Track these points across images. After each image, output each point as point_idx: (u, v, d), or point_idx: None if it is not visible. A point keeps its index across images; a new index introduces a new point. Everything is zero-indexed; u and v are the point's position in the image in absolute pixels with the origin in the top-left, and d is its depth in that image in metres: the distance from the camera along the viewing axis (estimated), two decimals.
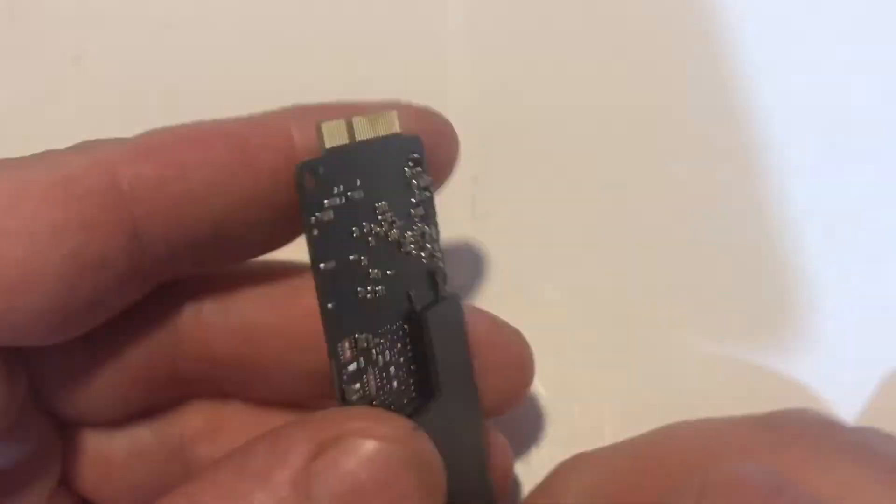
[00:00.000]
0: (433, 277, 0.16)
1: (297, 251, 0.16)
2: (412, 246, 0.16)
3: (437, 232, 0.17)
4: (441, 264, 0.17)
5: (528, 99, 0.26)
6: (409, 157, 0.16)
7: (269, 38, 0.27)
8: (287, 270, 0.17)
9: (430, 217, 0.16)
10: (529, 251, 0.24)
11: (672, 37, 0.27)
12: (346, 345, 0.14)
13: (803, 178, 0.24)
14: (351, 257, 0.15)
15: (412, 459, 0.13)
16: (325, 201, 0.14)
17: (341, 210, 0.15)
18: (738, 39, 0.26)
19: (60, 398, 0.16)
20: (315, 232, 0.14)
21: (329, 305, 0.14)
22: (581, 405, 0.22)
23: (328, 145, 0.15)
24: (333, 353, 0.14)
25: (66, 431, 0.17)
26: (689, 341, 0.22)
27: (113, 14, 0.27)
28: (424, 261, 0.16)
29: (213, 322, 0.17)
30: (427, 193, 0.16)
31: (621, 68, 0.26)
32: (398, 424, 0.13)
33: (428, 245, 0.16)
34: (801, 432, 0.15)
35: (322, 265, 0.14)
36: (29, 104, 0.26)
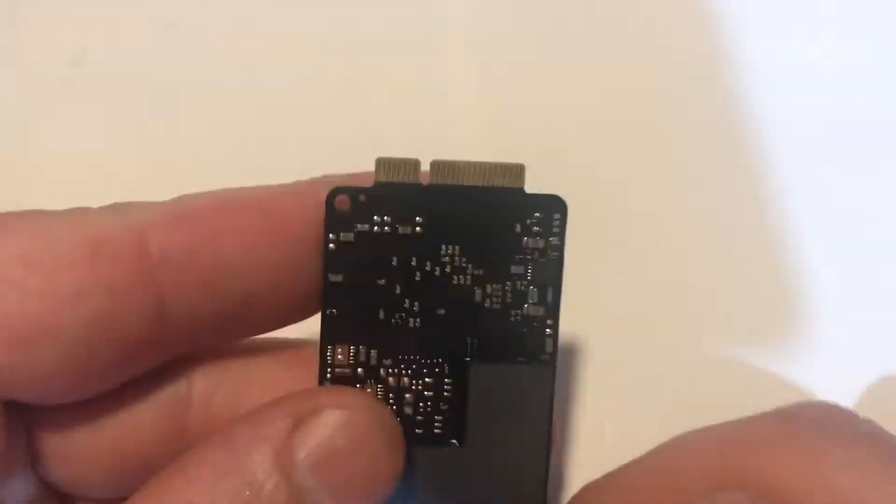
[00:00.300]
0: (520, 340, 0.16)
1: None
2: (493, 300, 0.16)
3: (551, 299, 0.16)
4: (543, 332, 0.16)
5: (528, 99, 0.26)
6: (528, 216, 0.16)
7: (269, 39, 0.27)
8: (300, 350, 0.17)
9: (539, 283, 0.16)
10: None
11: (673, 37, 0.27)
12: (341, 350, 0.16)
13: (805, 180, 0.24)
14: (380, 281, 0.16)
15: (378, 423, 0.14)
16: (357, 225, 0.15)
17: (377, 238, 0.16)
18: (738, 42, 0.26)
19: (62, 474, 0.16)
20: (331, 247, 0.15)
21: (327, 311, 0.16)
22: (581, 405, 0.22)
23: (379, 180, 0.16)
24: (322, 352, 0.16)
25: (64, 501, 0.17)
26: (688, 342, 0.22)
27: (113, 14, 0.27)
28: (514, 319, 0.16)
29: (224, 412, 0.17)
30: (541, 258, 0.16)
31: (622, 69, 0.26)
32: (362, 395, 0.15)
33: (526, 307, 0.16)
34: (818, 424, 0.15)
35: (330, 276, 0.16)
36: (29, 104, 0.26)
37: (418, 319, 0.16)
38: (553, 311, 0.16)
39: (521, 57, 0.26)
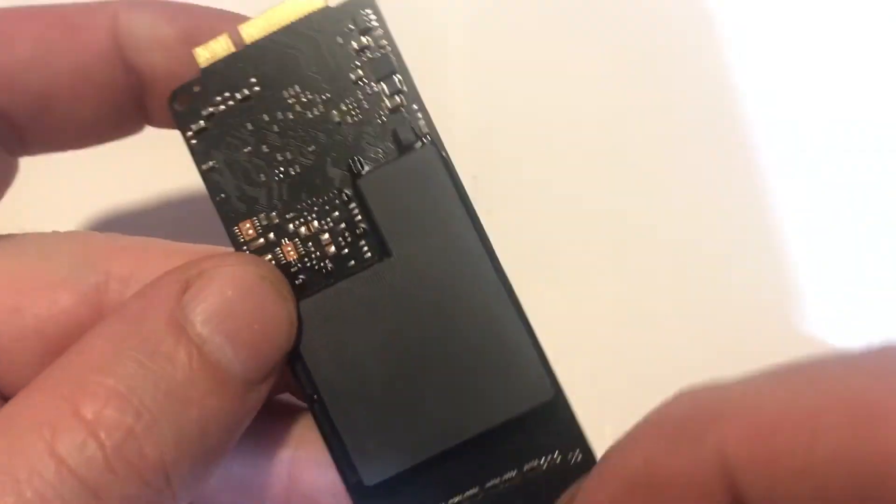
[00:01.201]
0: (394, 136, 0.17)
1: None
2: (352, 114, 0.16)
3: (404, 87, 0.17)
4: (413, 117, 0.17)
5: (528, 99, 0.26)
6: (343, 25, 0.17)
7: None
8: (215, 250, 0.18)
9: (386, 75, 0.17)
10: (529, 251, 0.24)
11: (673, 39, 0.27)
12: (247, 226, 0.17)
13: (802, 182, 0.24)
14: (246, 149, 0.16)
15: (262, 273, 0.16)
16: (203, 112, 0.16)
17: (224, 114, 0.16)
18: (737, 43, 0.26)
19: None
20: (193, 141, 0.16)
21: (216, 199, 0.16)
22: (581, 405, 0.22)
23: (202, 66, 0.16)
24: (232, 237, 0.17)
25: None
26: (688, 341, 0.22)
27: None
28: (380, 121, 0.17)
29: None
30: (376, 54, 0.17)
31: (621, 70, 0.26)
32: (244, 255, 0.16)
33: (385, 103, 0.17)
34: None
35: (203, 167, 0.16)
36: None
37: (296, 166, 0.16)
38: (411, 94, 0.17)
39: (522, 56, 0.27)
